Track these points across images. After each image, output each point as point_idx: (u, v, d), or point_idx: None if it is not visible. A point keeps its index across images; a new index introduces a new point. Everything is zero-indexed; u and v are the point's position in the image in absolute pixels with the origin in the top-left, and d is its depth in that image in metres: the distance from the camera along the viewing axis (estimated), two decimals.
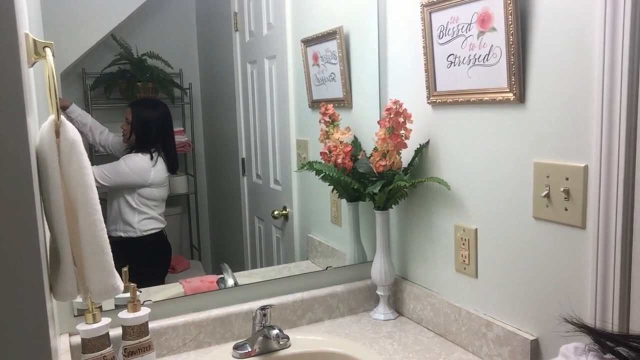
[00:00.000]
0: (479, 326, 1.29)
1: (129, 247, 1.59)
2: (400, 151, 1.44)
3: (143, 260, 1.60)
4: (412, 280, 1.57)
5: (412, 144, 1.46)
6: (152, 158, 1.59)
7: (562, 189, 1.07)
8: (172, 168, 1.65)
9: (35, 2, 1.19)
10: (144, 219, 1.60)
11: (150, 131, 1.61)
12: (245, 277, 1.62)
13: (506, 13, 1.12)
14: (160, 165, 1.61)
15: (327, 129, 1.55)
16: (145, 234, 1.61)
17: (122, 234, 1.59)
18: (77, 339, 1.21)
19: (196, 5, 1.69)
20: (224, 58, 1.79)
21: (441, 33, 1.31)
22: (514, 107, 1.17)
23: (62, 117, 0.84)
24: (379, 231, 1.53)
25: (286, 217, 1.77)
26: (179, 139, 1.69)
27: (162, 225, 1.65)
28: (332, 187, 1.56)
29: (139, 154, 1.58)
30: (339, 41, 1.59)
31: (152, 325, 1.30)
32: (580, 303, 1.07)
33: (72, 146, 0.85)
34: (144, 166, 1.59)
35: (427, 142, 1.44)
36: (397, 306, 1.60)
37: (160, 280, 1.58)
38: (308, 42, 1.69)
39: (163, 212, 1.65)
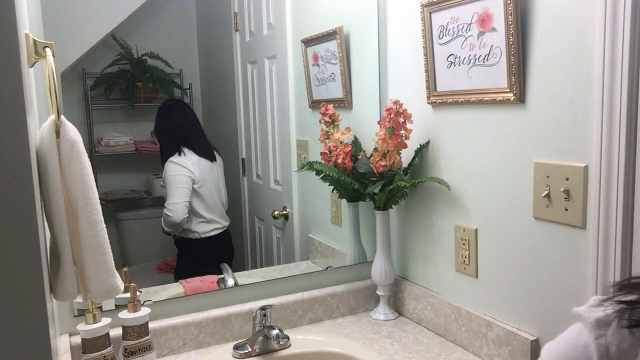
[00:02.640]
0: (479, 326, 1.29)
1: (189, 248, 1.66)
2: (400, 151, 1.44)
3: (204, 261, 1.66)
4: (412, 280, 1.57)
5: (412, 144, 1.46)
6: (179, 153, 1.62)
7: (562, 189, 1.07)
8: (208, 155, 1.68)
9: (35, 2, 1.19)
10: (201, 222, 1.65)
11: (168, 133, 1.63)
12: (245, 277, 1.62)
13: (506, 13, 1.12)
14: (192, 156, 1.64)
15: (327, 129, 1.55)
16: (203, 236, 1.67)
17: (183, 235, 1.65)
18: (77, 339, 1.21)
19: (196, 6, 1.70)
20: (224, 58, 1.79)
21: (441, 33, 1.31)
22: (514, 107, 1.17)
23: (62, 117, 0.84)
24: (379, 231, 1.53)
25: (286, 217, 1.77)
26: None
27: (221, 228, 1.70)
28: (332, 187, 1.56)
29: (170, 158, 1.62)
30: (339, 41, 1.59)
31: (152, 325, 1.30)
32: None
33: (72, 146, 0.85)
34: (176, 161, 1.62)
35: (427, 142, 1.44)
36: (397, 306, 1.60)
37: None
38: (308, 42, 1.69)
39: (222, 214, 1.71)
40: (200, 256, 1.69)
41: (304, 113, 1.74)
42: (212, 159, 1.69)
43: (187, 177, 1.62)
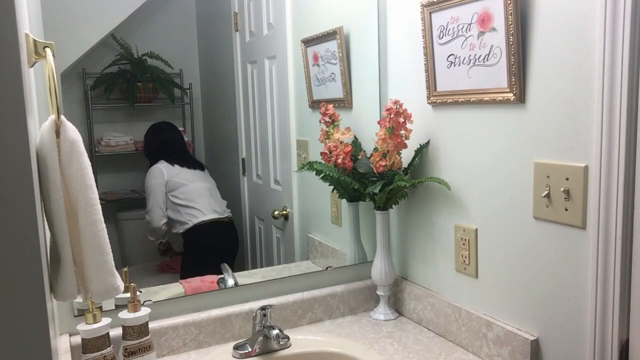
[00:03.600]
0: (479, 326, 1.29)
1: (186, 242, 1.70)
2: (400, 151, 1.44)
3: (204, 250, 1.71)
4: (412, 280, 1.57)
5: (412, 144, 1.46)
6: (154, 163, 1.69)
7: (562, 189, 1.07)
8: (182, 162, 1.73)
9: (35, 2, 1.19)
10: (185, 212, 1.70)
11: (149, 151, 1.69)
12: (245, 277, 1.62)
13: (506, 13, 1.12)
14: (163, 163, 1.69)
15: (327, 129, 1.55)
16: (193, 224, 1.70)
17: (180, 230, 1.70)
18: (77, 339, 1.21)
19: (196, 5, 1.70)
20: (224, 58, 1.79)
21: (441, 33, 1.31)
22: (514, 107, 1.17)
23: (62, 117, 0.84)
24: (379, 231, 1.53)
25: (286, 217, 1.77)
26: None
27: (213, 216, 1.73)
28: (332, 187, 1.56)
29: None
30: (339, 41, 1.59)
31: (152, 325, 1.30)
32: (580, 303, 1.07)
33: (72, 146, 0.85)
34: (151, 169, 1.69)
35: (427, 142, 1.44)
36: (397, 306, 1.60)
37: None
38: (308, 42, 1.69)
39: (209, 206, 1.74)
40: (198, 245, 1.72)
41: (304, 113, 1.74)
42: (195, 168, 1.75)
43: (159, 182, 1.68)
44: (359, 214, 1.63)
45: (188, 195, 1.70)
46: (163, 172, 1.68)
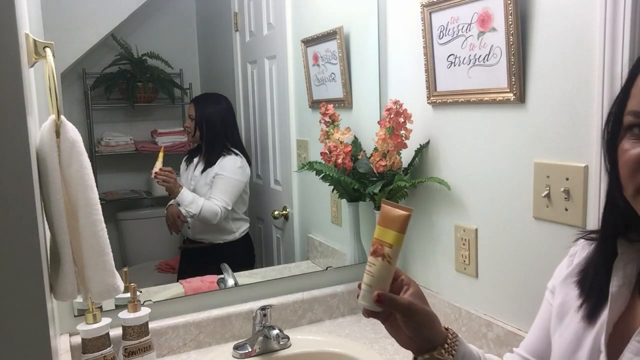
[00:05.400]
0: (479, 326, 1.29)
1: (225, 252, 1.63)
2: (400, 151, 1.44)
3: (235, 262, 1.62)
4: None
5: (412, 144, 1.46)
6: (236, 154, 1.61)
7: (562, 189, 1.07)
8: (246, 157, 1.67)
9: (35, 2, 1.19)
10: (238, 222, 1.64)
11: (215, 126, 1.61)
12: (245, 277, 1.61)
13: (506, 13, 1.12)
14: (242, 160, 1.63)
15: (327, 129, 1.55)
16: (240, 236, 1.65)
17: (220, 241, 1.62)
18: (77, 339, 1.21)
19: (196, 6, 1.70)
20: (224, 58, 1.79)
21: (441, 33, 1.31)
22: (514, 107, 1.17)
23: (62, 117, 0.84)
24: None
25: (286, 217, 1.78)
26: (179, 139, 1.69)
27: (248, 225, 1.69)
28: (332, 187, 1.56)
29: (227, 157, 1.60)
30: (339, 41, 1.59)
31: (152, 325, 1.30)
32: None
33: (72, 146, 0.85)
34: (239, 164, 1.61)
35: (427, 142, 1.44)
36: None
37: None
38: (308, 42, 1.69)
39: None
40: (236, 256, 1.68)
41: (304, 113, 1.74)
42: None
43: (244, 182, 1.61)
44: (359, 214, 1.62)
45: (244, 205, 1.67)
46: (248, 171, 1.61)
